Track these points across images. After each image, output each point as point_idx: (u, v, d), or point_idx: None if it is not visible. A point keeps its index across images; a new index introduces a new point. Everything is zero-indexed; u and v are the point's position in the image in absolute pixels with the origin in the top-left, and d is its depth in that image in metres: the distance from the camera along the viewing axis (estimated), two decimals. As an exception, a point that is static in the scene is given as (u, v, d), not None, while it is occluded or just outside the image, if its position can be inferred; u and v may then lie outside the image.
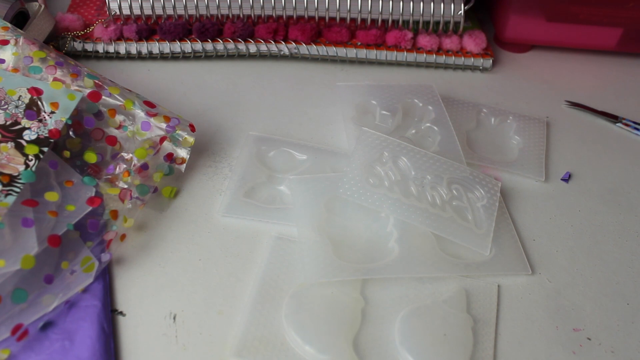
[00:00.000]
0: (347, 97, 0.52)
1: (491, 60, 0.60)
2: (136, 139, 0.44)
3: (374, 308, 0.39)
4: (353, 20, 0.57)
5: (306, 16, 0.57)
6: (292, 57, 0.58)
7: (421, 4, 0.57)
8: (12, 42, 0.44)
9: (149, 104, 0.45)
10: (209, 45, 0.56)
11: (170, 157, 0.44)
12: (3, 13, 0.49)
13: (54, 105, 0.41)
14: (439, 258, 0.41)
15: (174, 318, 0.37)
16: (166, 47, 0.56)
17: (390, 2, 0.56)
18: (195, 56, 0.57)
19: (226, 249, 0.41)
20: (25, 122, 0.40)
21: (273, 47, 0.57)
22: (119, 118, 0.44)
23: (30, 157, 0.38)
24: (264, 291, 0.38)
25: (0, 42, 0.44)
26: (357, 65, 0.59)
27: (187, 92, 0.54)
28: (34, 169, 0.38)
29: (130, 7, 0.55)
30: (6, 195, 0.36)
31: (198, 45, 0.56)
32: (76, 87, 0.43)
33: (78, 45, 0.55)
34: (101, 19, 0.57)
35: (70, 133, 0.42)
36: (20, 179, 0.37)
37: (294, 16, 0.57)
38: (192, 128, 0.45)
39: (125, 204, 0.41)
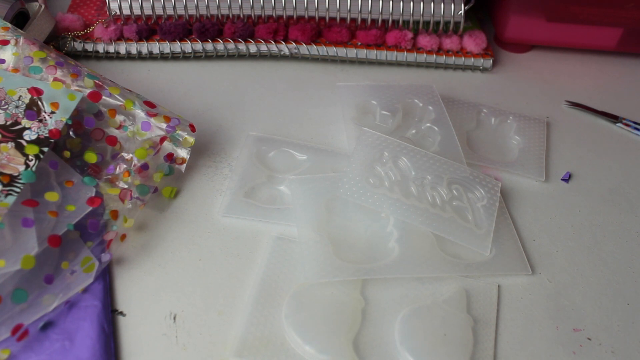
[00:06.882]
0: (347, 97, 0.52)
1: (491, 61, 0.60)
2: (136, 139, 0.44)
3: (374, 308, 0.39)
4: (353, 20, 0.57)
5: (306, 16, 0.57)
6: (292, 57, 0.58)
7: (421, 4, 0.56)
8: (12, 42, 0.44)
9: (149, 104, 0.45)
10: (209, 46, 0.56)
11: (170, 157, 0.44)
12: (3, 13, 0.49)
13: (54, 105, 0.41)
14: (439, 258, 0.41)
15: (174, 318, 0.37)
16: (166, 47, 0.56)
17: (390, 2, 0.56)
18: (195, 56, 0.57)
19: (226, 249, 0.41)
20: (25, 122, 0.40)
21: (273, 47, 0.57)
22: (119, 118, 0.44)
23: (30, 157, 0.38)
24: (264, 291, 0.38)
25: (1, 42, 0.44)
26: (357, 65, 0.59)
27: (187, 92, 0.54)
28: (34, 169, 0.38)
29: (131, 7, 0.55)
30: (6, 195, 0.36)
31: (198, 46, 0.56)
32: (76, 87, 0.43)
33: (78, 45, 0.55)
34: (101, 19, 0.57)
35: (71, 133, 0.42)
36: (20, 179, 0.37)
37: (294, 16, 0.57)
38: (192, 128, 0.45)
39: (126, 204, 0.41)
